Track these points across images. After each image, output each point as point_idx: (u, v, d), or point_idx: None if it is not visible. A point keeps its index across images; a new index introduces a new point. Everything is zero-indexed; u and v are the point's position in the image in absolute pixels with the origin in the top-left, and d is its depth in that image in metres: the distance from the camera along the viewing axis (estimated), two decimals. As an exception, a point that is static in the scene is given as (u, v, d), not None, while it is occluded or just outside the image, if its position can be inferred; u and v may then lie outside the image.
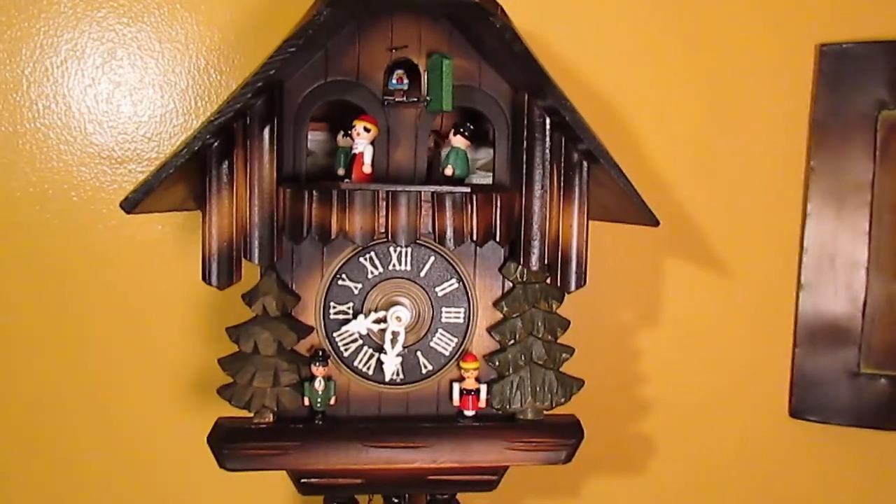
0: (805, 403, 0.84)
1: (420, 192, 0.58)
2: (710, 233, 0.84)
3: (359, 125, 0.58)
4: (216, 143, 0.57)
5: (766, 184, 0.83)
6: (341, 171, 0.61)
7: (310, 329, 0.63)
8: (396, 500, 0.70)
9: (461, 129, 0.60)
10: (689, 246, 0.84)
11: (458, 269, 0.64)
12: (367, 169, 0.59)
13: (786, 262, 0.84)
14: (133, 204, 0.54)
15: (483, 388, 0.64)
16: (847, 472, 0.87)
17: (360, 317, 0.62)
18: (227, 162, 0.57)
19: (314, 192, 0.58)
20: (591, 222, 0.62)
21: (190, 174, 0.57)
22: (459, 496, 0.70)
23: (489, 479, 0.65)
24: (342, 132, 0.63)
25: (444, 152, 0.61)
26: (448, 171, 0.60)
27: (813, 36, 0.82)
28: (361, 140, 0.59)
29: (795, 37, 0.82)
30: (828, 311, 0.84)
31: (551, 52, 0.80)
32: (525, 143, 0.60)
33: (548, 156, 0.60)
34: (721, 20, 0.82)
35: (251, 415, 0.62)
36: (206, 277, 0.58)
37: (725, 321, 0.85)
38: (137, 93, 0.77)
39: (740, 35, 0.82)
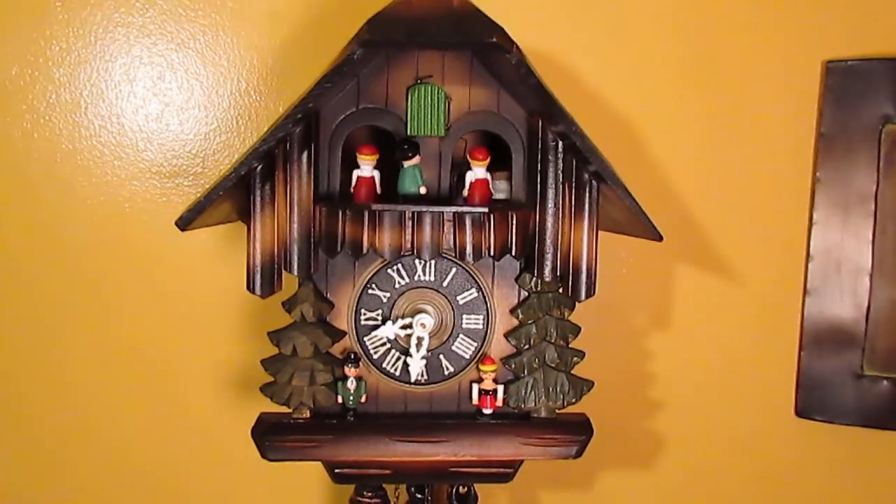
0: (811, 404, 0.85)
1: (443, 212, 0.61)
2: (720, 241, 0.85)
3: (369, 156, 0.63)
4: (260, 167, 0.61)
5: (774, 193, 0.84)
6: (422, 189, 0.63)
7: (343, 333, 0.67)
8: (420, 497, 0.72)
9: (411, 151, 0.62)
10: (699, 253, 0.85)
11: (477, 279, 0.67)
12: (378, 189, 0.63)
13: (793, 268, 0.85)
14: (187, 222, 0.59)
15: (500, 388, 0.67)
16: (851, 470, 0.87)
17: (389, 323, 0.65)
18: (269, 183, 0.61)
19: (347, 210, 0.62)
20: (603, 233, 0.65)
21: (236, 194, 0.62)
22: (478, 489, 0.72)
23: (506, 471, 0.67)
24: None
25: (402, 173, 0.63)
26: (423, 191, 0.63)
27: (820, 52, 0.83)
28: (367, 165, 0.63)
29: (803, 53, 0.83)
30: (833, 315, 0.84)
31: (564, 70, 0.81)
32: (539, 164, 0.63)
33: (560, 176, 0.62)
34: (731, 37, 0.82)
35: (290, 410, 0.66)
36: (250, 287, 0.62)
37: (734, 325, 0.86)
38: (184, 113, 0.80)
39: (750, 51, 0.82)
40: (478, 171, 0.64)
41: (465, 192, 0.64)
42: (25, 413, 0.82)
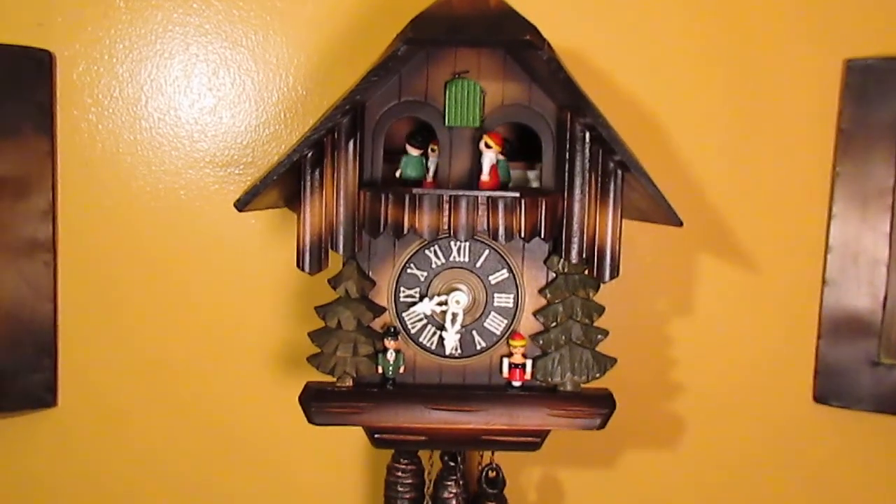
0: (828, 390, 0.87)
1: (477, 196, 0.65)
2: (742, 232, 0.87)
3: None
4: (310, 155, 0.65)
5: (794, 187, 0.87)
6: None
7: (383, 309, 0.70)
8: (452, 465, 0.76)
9: (414, 140, 0.68)
10: (722, 245, 0.87)
11: (508, 261, 0.70)
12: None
13: (812, 259, 0.87)
14: (244, 204, 0.64)
15: (529, 362, 0.70)
16: (866, 454, 0.89)
17: (426, 300, 0.69)
18: (318, 169, 0.65)
19: (390, 195, 0.66)
20: (629, 222, 0.68)
21: (286, 180, 0.66)
22: (507, 468, 0.76)
23: (533, 440, 0.70)
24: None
25: (403, 159, 0.70)
26: (398, 175, 0.68)
27: (840, 52, 0.85)
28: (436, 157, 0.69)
29: (824, 52, 0.85)
30: (850, 305, 0.86)
31: (593, 66, 0.84)
32: (567, 153, 0.66)
33: (587, 165, 0.66)
34: (756, 37, 0.85)
35: (334, 379, 0.69)
36: (299, 265, 0.66)
37: (755, 313, 0.88)
38: (236, 107, 0.84)
39: (773, 50, 0.85)
40: (489, 156, 0.67)
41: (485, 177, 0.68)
42: (95, 378, 0.87)
